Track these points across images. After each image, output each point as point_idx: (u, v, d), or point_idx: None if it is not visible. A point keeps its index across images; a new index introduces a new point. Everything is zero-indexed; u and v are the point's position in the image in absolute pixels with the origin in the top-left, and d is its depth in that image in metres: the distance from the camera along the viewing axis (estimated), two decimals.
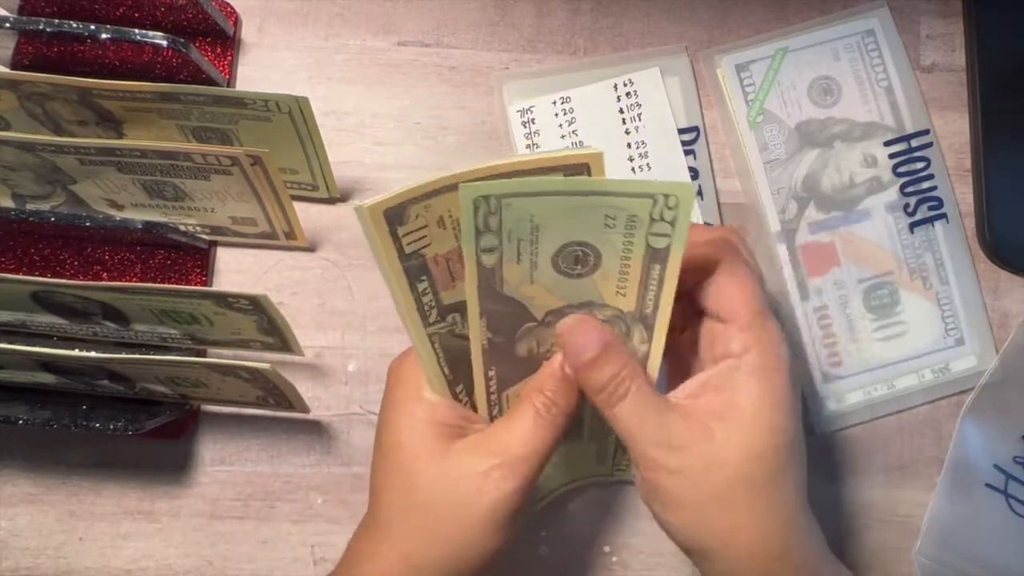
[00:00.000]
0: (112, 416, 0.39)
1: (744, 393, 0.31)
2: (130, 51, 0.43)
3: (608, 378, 0.31)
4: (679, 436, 0.31)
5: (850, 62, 0.47)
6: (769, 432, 0.31)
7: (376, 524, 0.33)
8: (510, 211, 0.28)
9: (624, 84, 0.47)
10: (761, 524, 0.31)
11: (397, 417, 0.33)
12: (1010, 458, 0.44)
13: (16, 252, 0.44)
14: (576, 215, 0.29)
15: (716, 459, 0.31)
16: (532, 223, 0.29)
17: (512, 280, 0.30)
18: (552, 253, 0.30)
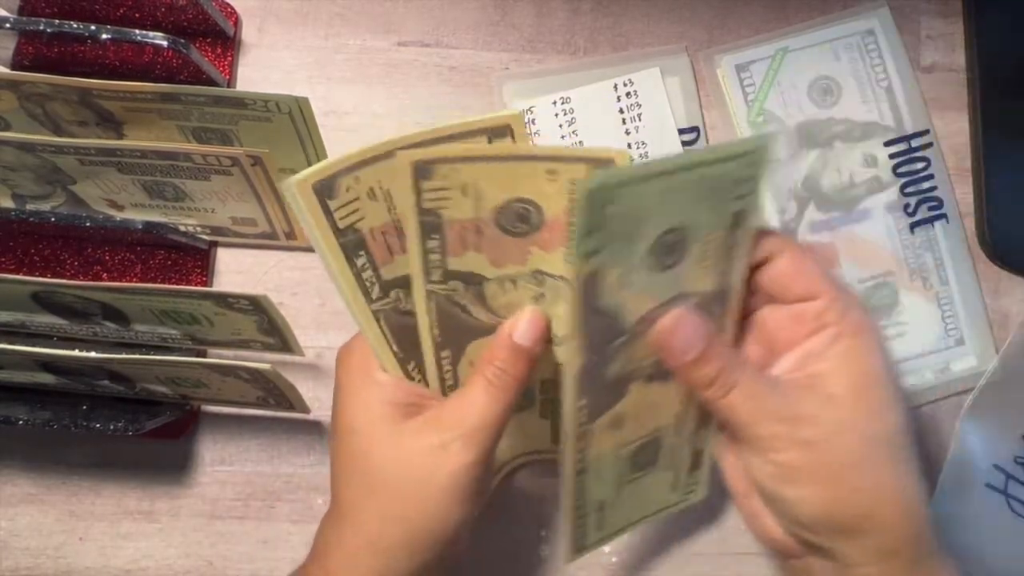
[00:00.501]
0: (112, 416, 0.39)
1: (855, 357, 0.31)
2: (130, 51, 0.43)
3: (717, 371, 0.31)
4: (803, 407, 0.31)
5: (850, 62, 0.47)
6: (889, 391, 0.31)
7: (340, 512, 0.33)
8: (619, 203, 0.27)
9: (624, 84, 0.47)
10: (904, 482, 0.31)
11: (349, 402, 0.33)
12: (1010, 458, 0.44)
13: (16, 252, 0.44)
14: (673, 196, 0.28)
15: (847, 421, 0.30)
16: (635, 214, 0.28)
17: (610, 287, 0.29)
18: (648, 248, 0.29)
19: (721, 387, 0.31)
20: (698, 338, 0.31)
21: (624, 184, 0.27)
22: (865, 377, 0.31)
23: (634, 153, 0.46)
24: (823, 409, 0.31)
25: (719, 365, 0.31)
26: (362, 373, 0.33)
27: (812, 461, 0.31)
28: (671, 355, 0.32)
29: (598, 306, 0.30)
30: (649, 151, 0.46)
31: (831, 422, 0.31)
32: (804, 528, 0.32)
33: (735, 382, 0.31)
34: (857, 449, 0.30)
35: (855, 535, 0.31)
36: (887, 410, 0.31)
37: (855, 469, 0.30)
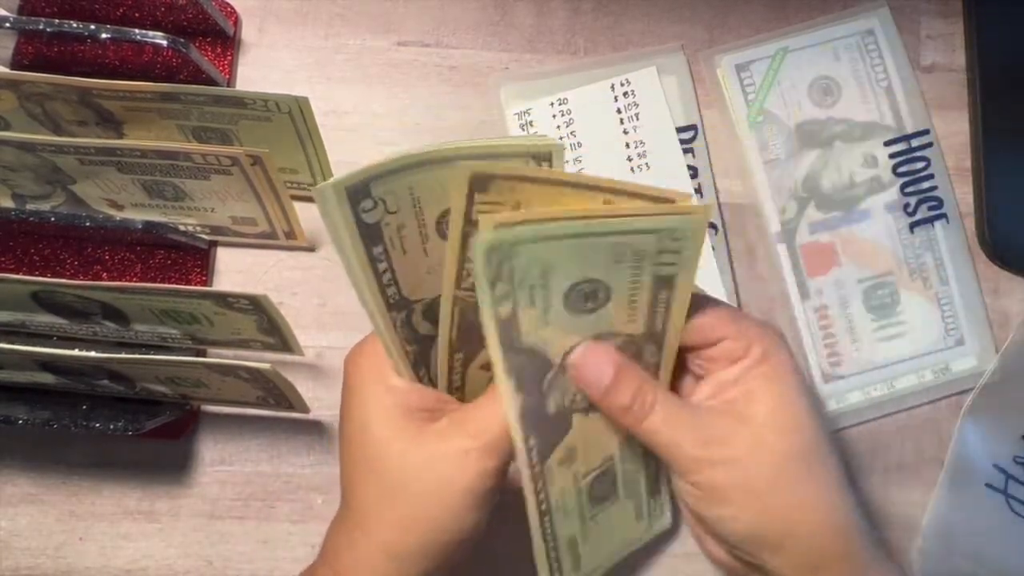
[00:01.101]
0: (112, 416, 0.39)
1: (765, 380, 0.32)
2: (130, 51, 0.43)
3: (631, 397, 0.32)
4: (718, 429, 0.32)
5: (850, 62, 0.47)
6: (801, 407, 0.32)
7: (352, 516, 0.33)
8: (520, 258, 0.28)
9: (621, 84, 0.47)
10: (824, 495, 0.32)
11: (365, 407, 0.33)
12: (1010, 458, 0.44)
13: (16, 252, 0.44)
14: (584, 255, 0.29)
15: (762, 441, 0.31)
16: (542, 267, 0.29)
17: (528, 327, 0.30)
18: (563, 293, 0.30)
19: (637, 413, 0.32)
20: (608, 366, 0.32)
21: (522, 243, 0.27)
22: (775, 398, 0.32)
23: (633, 153, 0.46)
24: (737, 430, 0.32)
25: (632, 391, 0.32)
26: (377, 377, 0.33)
27: (730, 481, 0.31)
28: (586, 387, 0.32)
29: (521, 346, 0.30)
30: (648, 150, 0.46)
31: (745, 442, 0.31)
32: (734, 547, 0.33)
33: (651, 406, 0.32)
34: (772, 467, 0.31)
35: (778, 551, 0.31)
36: (799, 427, 0.32)
37: (771, 487, 0.31)
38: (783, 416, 0.32)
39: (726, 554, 0.34)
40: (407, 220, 0.30)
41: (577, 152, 0.46)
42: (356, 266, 0.30)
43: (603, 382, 0.32)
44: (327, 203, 0.28)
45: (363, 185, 0.28)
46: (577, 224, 0.28)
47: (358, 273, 0.30)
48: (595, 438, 0.35)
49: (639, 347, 0.33)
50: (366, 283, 0.30)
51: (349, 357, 0.34)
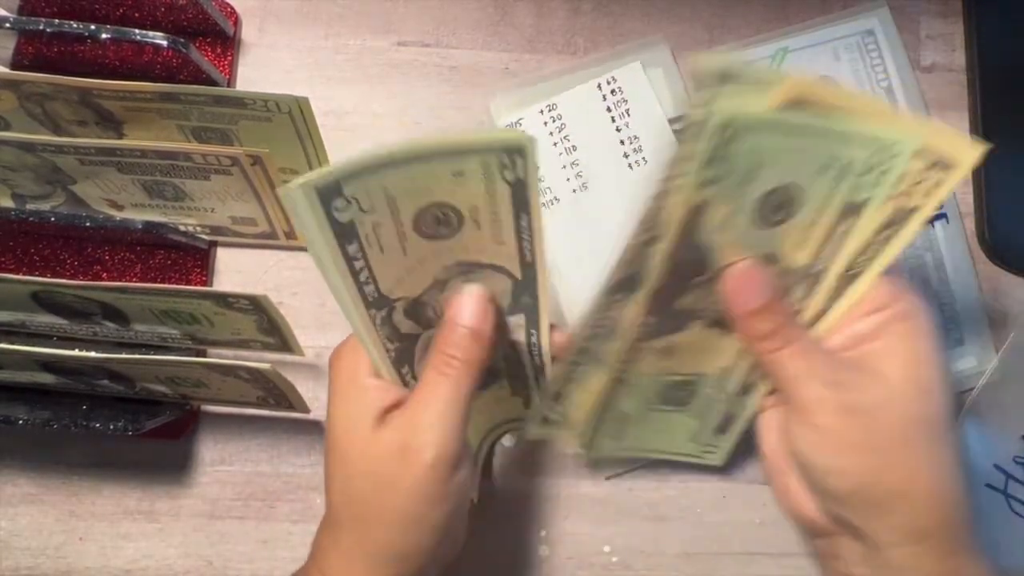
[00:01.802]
0: (112, 416, 0.39)
1: (904, 338, 0.32)
2: (130, 51, 0.43)
3: (775, 326, 0.31)
4: (851, 377, 0.31)
5: (850, 62, 0.47)
6: (935, 373, 0.31)
7: (331, 516, 0.33)
8: (743, 143, 0.27)
9: (608, 83, 0.47)
10: (942, 465, 0.31)
11: (337, 408, 0.33)
12: (1010, 458, 0.44)
13: (16, 252, 0.44)
14: (798, 155, 0.28)
15: (892, 396, 0.31)
16: (756, 160, 0.28)
17: (711, 223, 0.29)
18: (760, 195, 0.29)
19: (776, 341, 0.31)
20: (763, 291, 0.31)
21: (756, 127, 0.26)
22: (914, 358, 0.31)
23: (628, 149, 0.46)
24: (871, 383, 0.31)
25: (778, 321, 0.31)
26: (350, 378, 0.33)
27: (853, 429, 0.31)
28: (736, 302, 0.32)
29: (694, 239, 0.29)
30: (643, 145, 0.46)
31: (877, 396, 0.31)
32: (836, 502, 0.32)
33: (791, 340, 0.31)
34: (899, 425, 0.30)
35: (886, 513, 0.30)
36: (933, 393, 0.31)
37: (895, 444, 0.30)
38: (919, 377, 0.31)
39: (815, 510, 0.33)
40: (383, 219, 0.30)
41: (573, 156, 0.46)
42: (330, 265, 0.29)
43: (755, 303, 0.31)
44: (296, 204, 0.28)
45: (334, 184, 0.28)
46: (805, 120, 0.28)
47: (332, 272, 0.30)
48: (700, 350, 0.35)
49: (790, 284, 0.32)
50: (341, 281, 0.30)
51: (330, 358, 0.34)
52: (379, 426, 0.32)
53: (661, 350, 0.34)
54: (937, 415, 0.31)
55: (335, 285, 0.30)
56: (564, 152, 0.46)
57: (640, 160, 0.46)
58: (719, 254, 0.31)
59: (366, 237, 0.30)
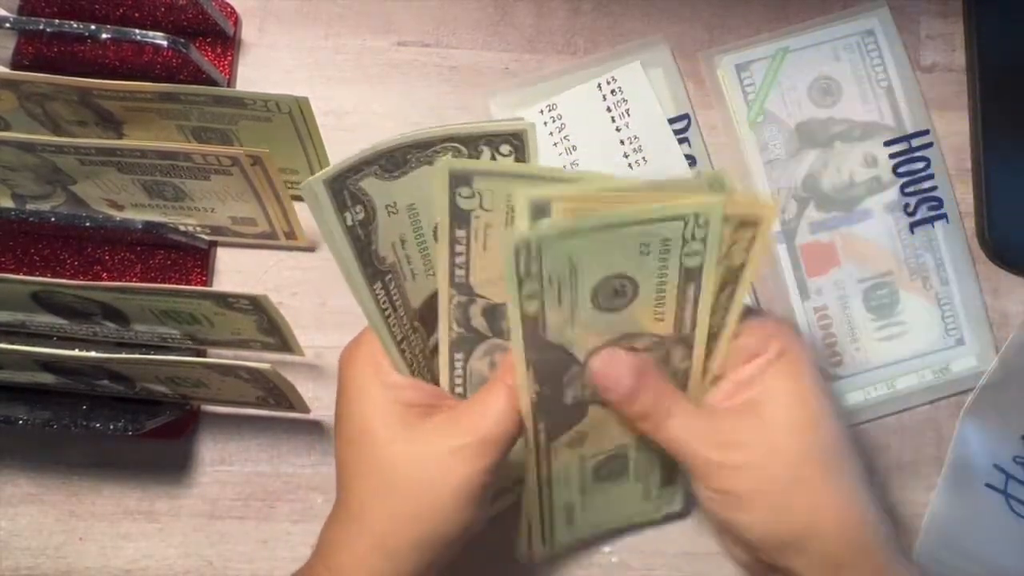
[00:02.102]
0: (112, 416, 0.39)
1: (782, 378, 0.32)
2: (130, 51, 0.43)
3: (650, 405, 0.32)
4: (735, 432, 0.32)
5: (850, 62, 0.47)
6: (818, 406, 0.32)
7: (348, 513, 0.33)
8: (549, 253, 0.28)
9: (608, 83, 0.47)
10: (844, 494, 0.31)
11: (361, 404, 0.33)
12: (1010, 458, 0.44)
13: (16, 252, 0.44)
14: (611, 248, 0.29)
15: (779, 443, 0.31)
16: (571, 262, 0.29)
17: (555, 324, 0.30)
18: (591, 290, 0.30)
19: (655, 420, 0.32)
20: (627, 375, 0.32)
21: (551, 239, 0.27)
22: (794, 396, 0.32)
23: (628, 149, 0.46)
24: (754, 433, 0.32)
25: (651, 399, 0.32)
26: (373, 373, 0.33)
27: (747, 485, 0.31)
28: (604, 393, 0.32)
29: (546, 342, 0.30)
30: (643, 145, 0.46)
31: (762, 445, 0.31)
32: (755, 549, 0.33)
33: (670, 413, 0.32)
34: (789, 470, 0.31)
35: (801, 553, 0.31)
36: (819, 426, 0.32)
37: (789, 488, 0.31)
38: (799, 415, 0.32)
39: (748, 556, 0.34)
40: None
41: (573, 156, 0.46)
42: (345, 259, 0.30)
43: (621, 390, 0.32)
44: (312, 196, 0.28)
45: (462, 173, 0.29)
46: (604, 214, 0.28)
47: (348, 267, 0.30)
48: (609, 428, 0.35)
49: (668, 350, 0.33)
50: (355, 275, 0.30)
51: (344, 354, 0.34)
52: (420, 421, 0.32)
53: (571, 442, 0.34)
54: (829, 447, 0.32)
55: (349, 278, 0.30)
56: (564, 152, 0.46)
57: (640, 160, 0.46)
58: (578, 346, 0.31)
59: (475, 231, 0.30)
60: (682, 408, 0.32)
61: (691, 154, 0.46)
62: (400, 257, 0.32)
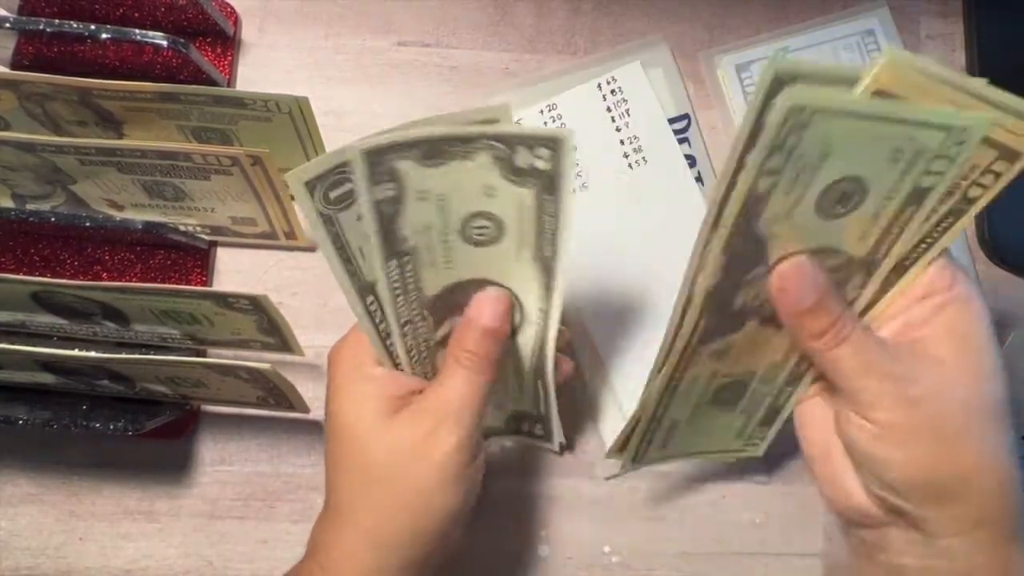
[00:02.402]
0: (112, 416, 0.39)
1: (959, 322, 0.31)
2: (130, 51, 0.43)
3: (827, 324, 0.31)
4: (907, 367, 0.31)
5: (850, 62, 0.47)
6: (992, 356, 0.31)
7: (337, 510, 0.33)
8: (814, 129, 0.26)
9: (608, 82, 0.47)
10: (1002, 451, 0.30)
11: (344, 400, 0.33)
12: None
13: (16, 252, 0.44)
14: (870, 144, 0.27)
15: (951, 385, 0.30)
16: (824, 148, 0.27)
17: (772, 213, 0.28)
18: (823, 187, 0.28)
19: (831, 339, 0.31)
20: (814, 289, 0.31)
21: (825, 112, 0.26)
22: (969, 344, 0.31)
23: (628, 149, 0.46)
24: (928, 371, 0.30)
25: (830, 319, 0.31)
26: (355, 369, 0.33)
27: (914, 421, 0.30)
28: (784, 301, 0.31)
29: (752, 229, 0.29)
30: (643, 144, 0.46)
31: (936, 384, 0.30)
32: (895, 492, 0.31)
33: (845, 336, 0.31)
34: (960, 413, 0.30)
35: (949, 501, 0.30)
36: (990, 378, 0.31)
37: (956, 433, 0.30)
38: (975, 362, 0.31)
39: (865, 500, 0.33)
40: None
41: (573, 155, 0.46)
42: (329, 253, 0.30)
43: (803, 304, 0.31)
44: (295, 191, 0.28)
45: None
46: (884, 104, 0.27)
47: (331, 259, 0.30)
48: (752, 349, 0.34)
49: (851, 273, 0.32)
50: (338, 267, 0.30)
51: (331, 352, 0.35)
52: (394, 414, 0.32)
53: (715, 352, 0.34)
54: (995, 401, 0.31)
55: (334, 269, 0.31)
56: None
57: (640, 160, 0.46)
58: (776, 246, 0.30)
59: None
60: (857, 333, 0.31)
61: (691, 154, 0.46)
62: (422, 244, 0.31)
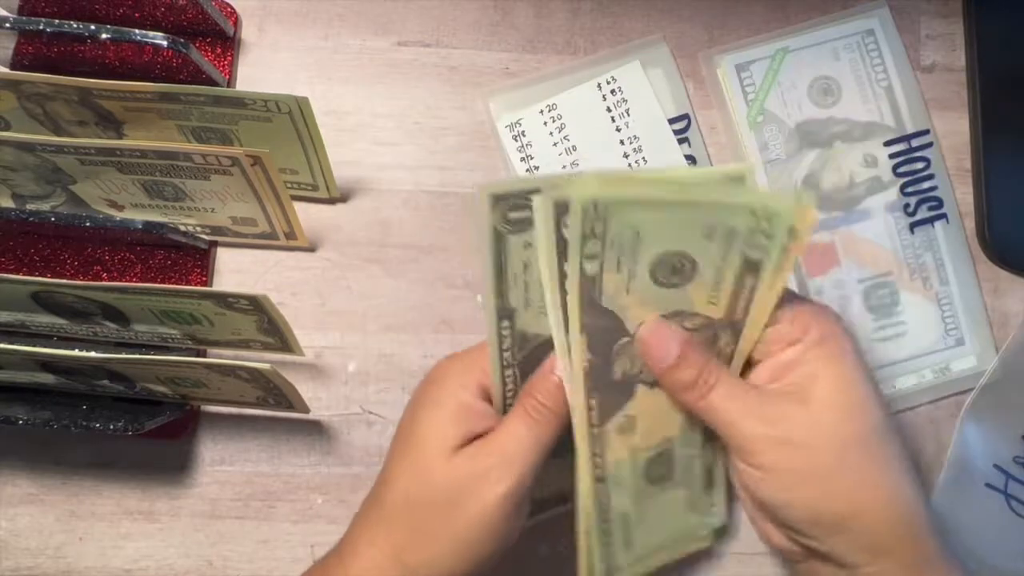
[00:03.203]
0: (112, 416, 0.39)
1: (824, 363, 0.32)
2: (130, 51, 0.43)
3: (695, 375, 0.32)
4: (780, 410, 0.32)
5: (850, 62, 0.47)
6: (863, 388, 0.32)
7: (379, 513, 0.33)
8: (615, 219, 0.28)
9: (607, 82, 0.47)
10: (888, 478, 0.31)
11: (428, 413, 0.34)
12: (1010, 458, 0.44)
13: (16, 252, 0.44)
14: (677, 226, 0.29)
15: (824, 424, 0.31)
16: (635, 231, 0.29)
17: (610, 290, 0.30)
18: (650, 263, 0.30)
19: (699, 390, 0.32)
20: (674, 344, 0.32)
21: (621, 204, 0.28)
22: (838, 380, 0.32)
23: (628, 149, 0.46)
24: (799, 412, 0.32)
25: (696, 369, 0.32)
26: (457, 389, 0.34)
27: (793, 462, 0.31)
28: (650, 361, 0.33)
29: (599, 307, 0.30)
30: (643, 145, 0.46)
31: (807, 423, 0.31)
32: (795, 530, 0.32)
33: (712, 384, 0.32)
34: (835, 449, 0.31)
35: (843, 533, 0.31)
36: (863, 411, 0.32)
37: (834, 469, 0.31)
38: (845, 398, 0.32)
39: (785, 539, 0.34)
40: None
41: (573, 156, 0.46)
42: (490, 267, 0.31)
43: (668, 359, 0.32)
44: (481, 201, 0.29)
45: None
46: (676, 191, 0.29)
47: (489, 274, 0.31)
48: (656, 415, 0.35)
49: (715, 332, 0.33)
50: (493, 284, 0.31)
51: (443, 362, 0.35)
52: (462, 448, 0.33)
53: (621, 428, 0.34)
54: (872, 432, 0.32)
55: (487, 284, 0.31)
56: (564, 152, 0.46)
57: (640, 160, 0.46)
58: (629, 316, 0.32)
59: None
60: (727, 381, 0.32)
61: (691, 154, 0.46)
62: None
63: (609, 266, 0.29)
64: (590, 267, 0.29)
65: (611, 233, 0.28)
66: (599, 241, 0.28)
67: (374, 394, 0.44)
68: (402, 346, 0.45)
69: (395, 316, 0.45)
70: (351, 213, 0.46)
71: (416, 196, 0.46)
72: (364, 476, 0.44)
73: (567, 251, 0.29)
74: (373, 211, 0.46)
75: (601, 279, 0.30)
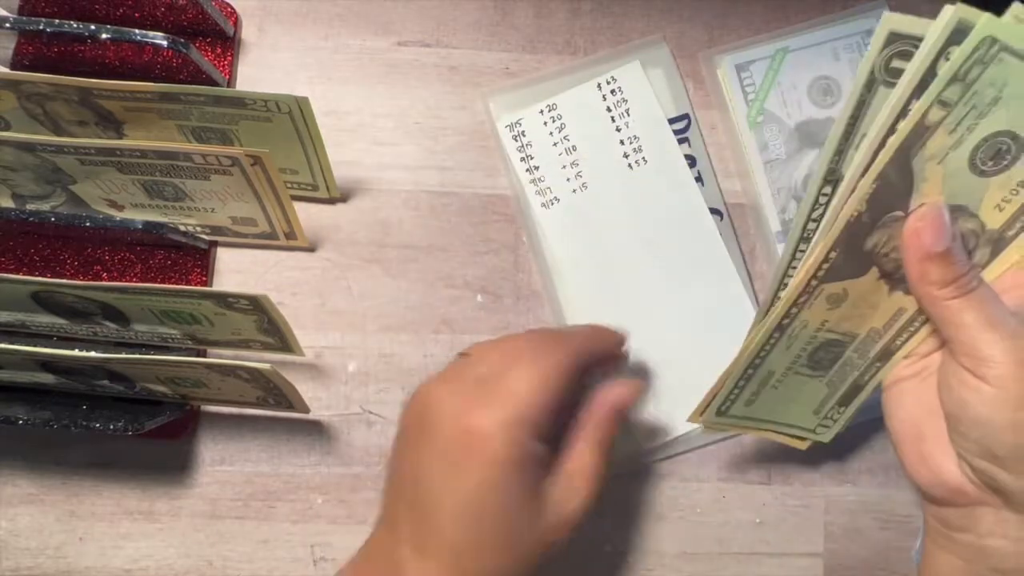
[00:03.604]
0: (112, 416, 0.39)
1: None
2: (130, 51, 0.43)
3: (955, 274, 0.30)
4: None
5: (850, 62, 0.47)
6: None
7: (425, 518, 0.32)
8: (993, 70, 0.26)
9: (607, 82, 0.47)
10: None
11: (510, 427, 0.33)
12: None
13: (16, 252, 0.44)
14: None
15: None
16: (997, 95, 0.27)
17: (930, 151, 0.28)
18: (982, 137, 0.28)
19: (956, 289, 0.30)
20: (948, 235, 0.30)
21: (1014, 51, 0.26)
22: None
23: (628, 149, 0.46)
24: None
25: (959, 269, 0.30)
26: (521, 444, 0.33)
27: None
28: (917, 244, 0.31)
29: (907, 165, 0.28)
30: (643, 144, 0.46)
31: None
32: (998, 461, 0.30)
33: (972, 288, 0.30)
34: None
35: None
36: None
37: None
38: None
39: (960, 476, 0.32)
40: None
41: (573, 156, 0.46)
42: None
43: (935, 247, 0.30)
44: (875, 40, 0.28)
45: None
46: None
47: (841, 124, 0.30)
48: (863, 306, 0.34)
49: (976, 245, 0.32)
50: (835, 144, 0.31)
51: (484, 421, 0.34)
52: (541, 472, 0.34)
53: (832, 296, 0.33)
54: None
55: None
56: (564, 152, 0.46)
57: (640, 160, 0.46)
58: (923, 189, 0.30)
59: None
60: (984, 288, 0.31)
61: (691, 154, 0.46)
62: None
63: (949, 122, 0.28)
64: (934, 114, 0.27)
65: (977, 85, 0.26)
66: (962, 88, 0.26)
67: (374, 394, 0.44)
68: (402, 346, 0.45)
69: (395, 316, 0.45)
70: (351, 213, 0.46)
71: (416, 196, 0.46)
72: (364, 476, 0.44)
73: (925, 87, 0.27)
74: (373, 211, 0.46)
75: (933, 133, 0.28)
